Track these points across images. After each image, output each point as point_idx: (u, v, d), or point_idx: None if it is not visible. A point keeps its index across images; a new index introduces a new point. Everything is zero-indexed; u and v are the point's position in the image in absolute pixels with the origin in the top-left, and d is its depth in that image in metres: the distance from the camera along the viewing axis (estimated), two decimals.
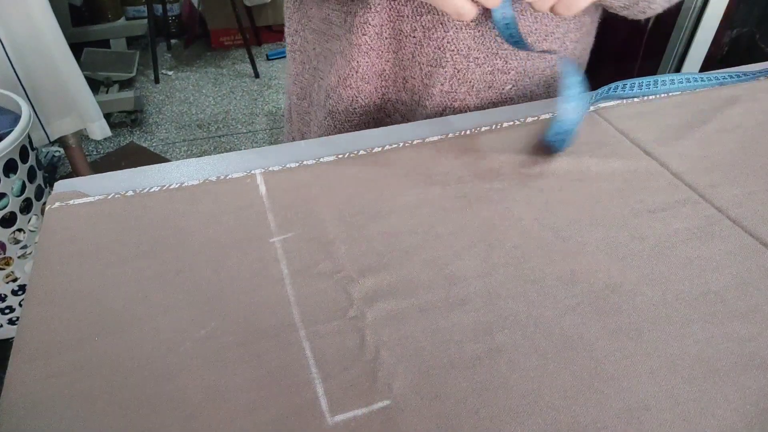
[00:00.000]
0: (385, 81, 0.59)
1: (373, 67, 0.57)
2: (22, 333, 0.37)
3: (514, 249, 0.44)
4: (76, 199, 0.48)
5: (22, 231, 1.13)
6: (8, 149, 1.04)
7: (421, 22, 0.54)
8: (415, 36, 0.55)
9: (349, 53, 0.57)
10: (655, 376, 0.35)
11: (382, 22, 0.55)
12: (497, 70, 0.57)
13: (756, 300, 0.40)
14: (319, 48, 0.62)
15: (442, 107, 0.59)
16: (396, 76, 0.58)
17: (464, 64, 0.56)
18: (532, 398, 0.34)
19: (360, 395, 0.33)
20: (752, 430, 0.32)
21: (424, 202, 0.48)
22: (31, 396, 0.33)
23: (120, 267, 0.42)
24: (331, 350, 0.36)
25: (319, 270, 0.42)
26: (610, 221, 0.47)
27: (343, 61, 0.58)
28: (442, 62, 0.56)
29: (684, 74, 0.62)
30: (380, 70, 0.58)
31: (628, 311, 0.39)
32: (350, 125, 0.62)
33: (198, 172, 0.52)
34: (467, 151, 0.55)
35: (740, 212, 0.48)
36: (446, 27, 0.54)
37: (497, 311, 0.39)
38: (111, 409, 0.32)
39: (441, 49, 0.55)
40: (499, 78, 0.58)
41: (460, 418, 0.32)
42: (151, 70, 2.59)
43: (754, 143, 0.57)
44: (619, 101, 0.63)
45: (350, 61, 0.58)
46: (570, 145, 0.51)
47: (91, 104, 1.54)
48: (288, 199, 0.48)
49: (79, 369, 0.34)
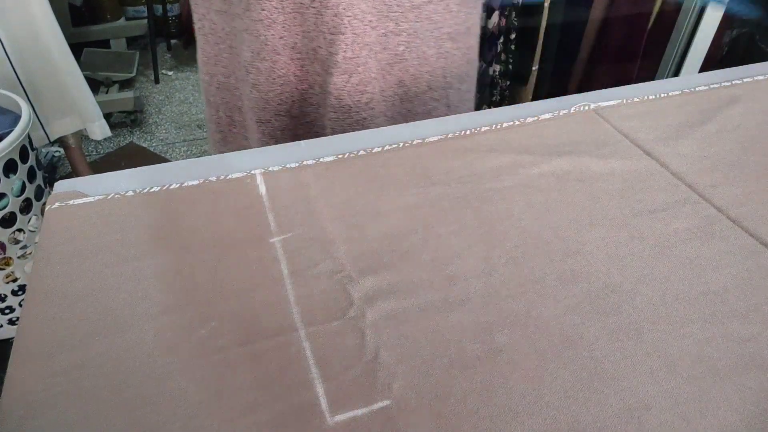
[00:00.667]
0: (298, 53, 0.61)
1: (282, 40, 0.60)
2: (22, 333, 0.37)
3: (514, 249, 0.44)
4: (76, 199, 0.48)
5: (22, 231, 1.13)
6: (8, 149, 1.03)
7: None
8: (315, 6, 0.57)
9: (254, 29, 0.60)
10: (655, 376, 0.35)
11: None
12: (390, 32, 0.61)
13: (756, 300, 0.40)
14: (228, 28, 0.64)
15: (348, 73, 0.61)
16: (306, 48, 0.61)
17: (361, 29, 0.59)
18: (532, 398, 0.34)
19: (360, 395, 0.33)
20: (752, 430, 0.32)
21: (424, 202, 0.48)
22: (31, 396, 0.33)
23: (120, 267, 0.42)
24: (331, 350, 0.36)
25: (319, 270, 0.42)
26: (610, 221, 0.47)
27: (251, 37, 0.61)
28: (341, 28, 0.59)
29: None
30: (291, 43, 0.61)
31: (627, 311, 0.39)
32: (275, 95, 0.64)
33: (198, 172, 0.52)
34: (467, 151, 0.55)
35: (740, 212, 0.48)
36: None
37: (497, 311, 0.39)
38: (111, 409, 0.32)
39: (338, 15, 0.58)
40: (393, 39, 0.61)
41: (460, 417, 0.32)
42: (151, 70, 2.59)
43: (754, 143, 0.57)
44: (619, 101, 0.63)
45: (257, 36, 0.60)
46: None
47: (91, 104, 1.54)
48: (288, 199, 0.48)
49: (79, 369, 0.34)
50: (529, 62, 1.55)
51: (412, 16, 0.60)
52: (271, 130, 0.66)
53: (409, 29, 0.61)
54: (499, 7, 1.41)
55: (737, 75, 0.69)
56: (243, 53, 0.62)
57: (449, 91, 0.68)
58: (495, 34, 1.44)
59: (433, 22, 0.62)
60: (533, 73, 1.57)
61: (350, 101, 0.61)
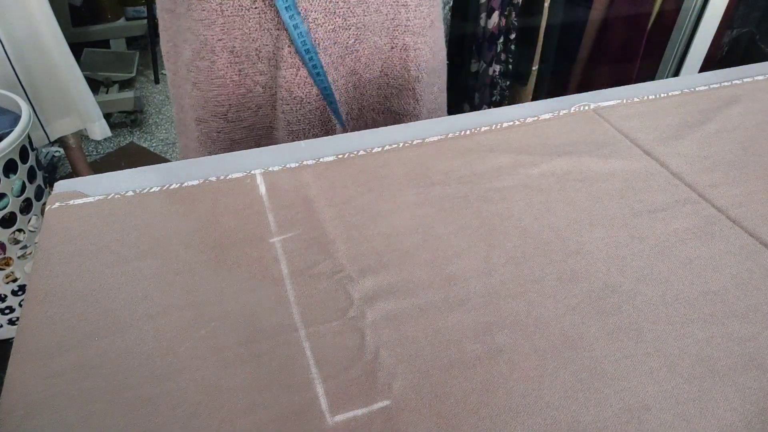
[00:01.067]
0: (237, 57, 0.62)
1: (221, 42, 0.60)
2: (22, 333, 0.37)
3: (514, 249, 0.44)
4: (76, 200, 0.48)
5: (22, 231, 1.13)
6: (8, 149, 1.03)
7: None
8: (257, 6, 0.58)
9: (195, 28, 0.60)
10: (655, 376, 0.35)
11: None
12: (339, 27, 0.61)
13: (755, 300, 0.40)
14: (174, 26, 0.66)
15: (296, 67, 0.61)
16: (247, 51, 0.61)
17: (306, 26, 0.59)
18: (532, 398, 0.34)
19: (360, 395, 0.33)
20: (752, 430, 0.32)
21: (424, 202, 0.48)
22: (31, 396, 0.33)
23: (120, 267, 0.42)
24: (331, 350, 0.36)
25: (319, 270, 0.42)
26: (610, 221, 0.47)
27: (192, 36, 0.61)
28: (286, 25, 0.59)
29: None
30: (230, 46, 0.61)
31: (627, 311, 0.39)
32: (213, 95, 0.64)
33: (198, 172, 0.52)
34: (467, 151, 0.55)
35: (740, 212, 0.48)
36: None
37: (497, 311, 0.39)
38: (111, 409, 0.32)
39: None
40: (342, 34, 0.62)
41: (460, 417, 0.32)
42: (151, 70, 2.59)
43: (754, 143, 0.57)
44: (619, 101, 0.63)
45: (198, 35, 0.61)
46: None
47: (91, 104, 1.54)
48: (288, 199, 0.48)
49: (79, 369, 0.34)
50: (529, 62, 1.55)
51: (360, 11, 0.61)
52: (208, 131, 0.66)
53: (358, 23, 0.62)
54: (499, 7, 1.41)
55: (737, 75, 0.69)
56: (185, 52, 0.63)
57: (416, 84, 0.68)
58: (495, 34, 1.44)
59: (382, 15, 0.63)
60: (533, 73, 1.57)
61: (301, 93, 0.62)
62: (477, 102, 1.56)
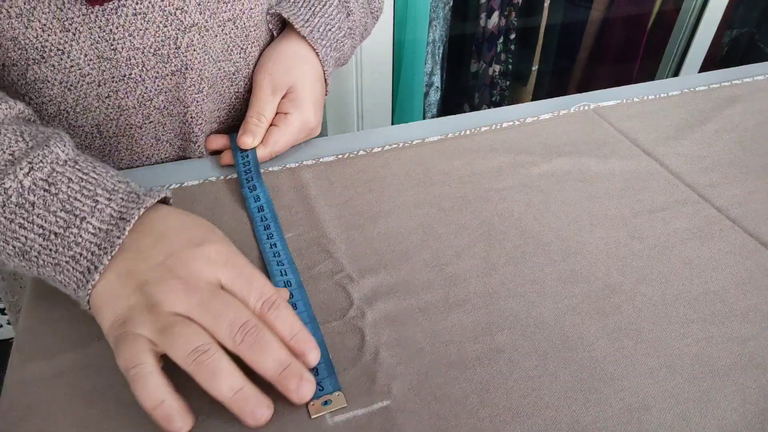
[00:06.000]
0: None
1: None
2: (22, 333, 0.37)
3: (514, 249, 0.44)
4: None
5: None
6: None
7: None
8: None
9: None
10: (655, 376, 0.35)
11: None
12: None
13: (755, 300, 0.40)
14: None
15: (178, 71, 0.50)
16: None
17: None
18: (532, 398, 0.34)
19: (360, 395, 0.33)
20: (752, 429, 0.32)
21: (424, 202, 0.48)
22: (31, 396, 0.33)
23: None
24: (331, 350, 0.36)
25: (318, 270, 0.42)
26: (610, 221, 0.47)
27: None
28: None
29: None
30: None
31: (627, 311, 0.39)
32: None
33: (198, 172, 0.52)
34: (467, 151, 0.55)
35: (740, 212, 0.48)
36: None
37: (497, 311, 0.39)
38: (111, 409, 0.32)
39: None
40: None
41: (459, 418, 0.32)
42: None
43: (753, 143, 0.57)
44: (619, 101, 0.63)
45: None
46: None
47: None
48: (288, 199, 0.48)
49: (79, 369, 0.34)
50: (528, 62, 1.55)
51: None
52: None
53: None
54: (498, 7, 1.41)
55: (737, 75, 0.69)
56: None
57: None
58: (495, 34, 1.44)
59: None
60: (533, 73, 1.58)
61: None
62: (477, 102, 1.56)
